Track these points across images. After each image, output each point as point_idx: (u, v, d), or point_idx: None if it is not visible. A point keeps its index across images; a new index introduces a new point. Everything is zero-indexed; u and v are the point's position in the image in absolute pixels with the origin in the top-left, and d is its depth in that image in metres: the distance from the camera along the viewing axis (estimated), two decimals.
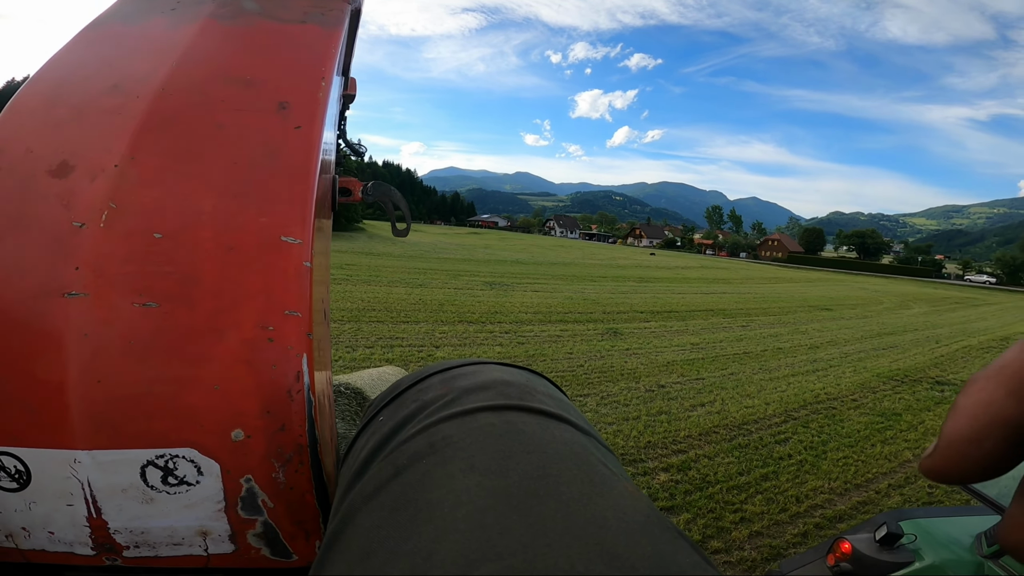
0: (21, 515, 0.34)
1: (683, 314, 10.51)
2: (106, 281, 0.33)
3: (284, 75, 0.44)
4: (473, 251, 24.19)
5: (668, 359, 6.65)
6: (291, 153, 0.39)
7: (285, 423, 0.34)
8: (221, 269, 0.35)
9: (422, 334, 6.56)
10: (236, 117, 0.40)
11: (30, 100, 0.41)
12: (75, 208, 0.35)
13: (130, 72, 0.42)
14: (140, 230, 0.35)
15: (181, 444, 0.33)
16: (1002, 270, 59.93)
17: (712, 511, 3.15)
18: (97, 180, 0.36)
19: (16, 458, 0.32)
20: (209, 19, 0.47)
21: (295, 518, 0.35)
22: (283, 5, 0.51)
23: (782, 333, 9.50)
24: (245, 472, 0.34)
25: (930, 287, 34.49)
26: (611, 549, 0.21)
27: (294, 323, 0.34)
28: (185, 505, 0.34)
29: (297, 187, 0.38)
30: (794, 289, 20.24)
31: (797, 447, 4.28)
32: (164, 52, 0.44)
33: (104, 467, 0.33)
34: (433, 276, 12.90)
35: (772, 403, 5.29)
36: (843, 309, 14.61)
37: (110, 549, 0.34)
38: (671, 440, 4.16)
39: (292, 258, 0.36)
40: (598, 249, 43.36)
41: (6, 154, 0.37)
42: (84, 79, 0.42)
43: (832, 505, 3.40)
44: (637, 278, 17.98)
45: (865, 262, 71.33)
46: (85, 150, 0.37)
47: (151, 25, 0.47)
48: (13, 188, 0.36)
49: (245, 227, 0.36)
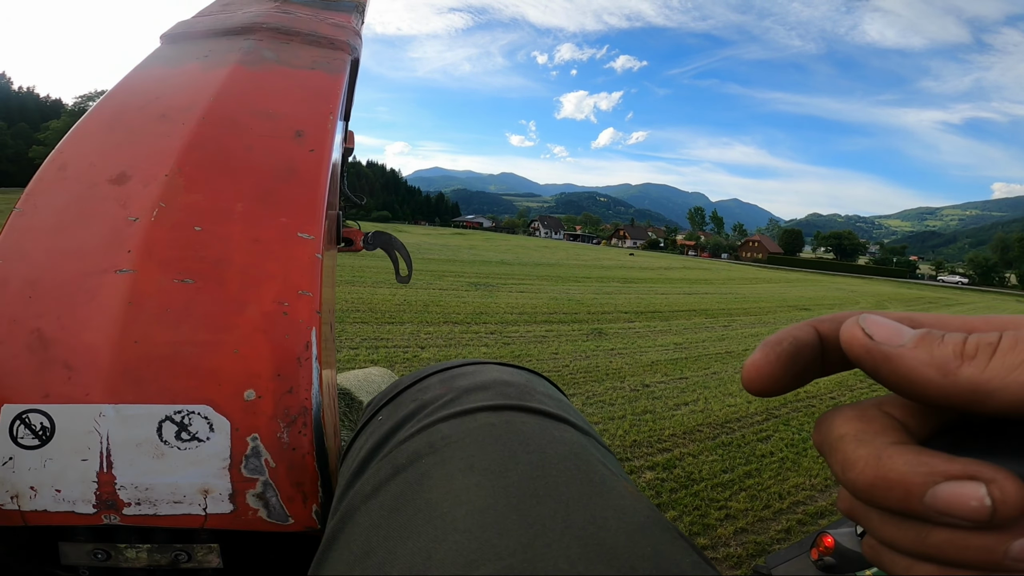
0: (34, 473, 0.36)
1: (666, 314, 10.61)
2: (152, 261, 0.40)
3: (299, 110, 0.54)
4: (458, 252, 24.14)
5: (652, 359, 6.71)
6: (306, 170, 0.48)
7: (293, 386, 0.38)
8: (247, 256, 0.42)
9: (407, 335, 6.52)
10: (261, 141, 0.50)
11: (91, 126, 0.50)
12: (130, 207, 0.43)
13: (175, 104, 0.52)
14: (183, 224, 0.42)
15: (198, 401, 0.37)
16: (974, 271, 61.66)
17: (698, 508, 3.19)
18: (150, 186, 0.44)
19: (44, 414, 0.36)
20: (237, 65, 0.58)
21: (295, 479, 0.38)
22: (296, 55, 0.62)
23: (763, 333, 9.65)
24: (253, 431, 0.37)
25: (904, 287, 35.36)
26: (611, 549, 0.21)
27: (306, 301, 0.41)
28: (192, 462, 0.37)
29: (311, 195, 0.47)
30: (774, 289, 20.58)
31: (779, 445, 4.35)
32: (202, 89, 0.53)
33: (126, 420, 0.36)
34: (417, 277, 12.84)
35: (754, 401, 5.37)
36: (821, 309, 14.90)
37: (111, 506, 0.36)
38: (656, 439, 4.20)
39: (306, 250, 0.43)
40: (583, 250, 43.59)
41: (72, 167, 0.46)
42: (137, 109, 0.52)
43: (814, 501, 3.46)
44: (621, 279, 18.11)
45: (842, 263, 72.79)
46: (140, 164, 0.46)
47: (188, 68, 0.58)
48: (79, 192, 0.44)
49: (268, 224, 0.44)
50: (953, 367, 0.15)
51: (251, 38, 0.63)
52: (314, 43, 0.65)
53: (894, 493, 0.15)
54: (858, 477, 0.16)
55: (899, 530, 0.16)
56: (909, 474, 0.15)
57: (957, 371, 0.15)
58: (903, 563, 0.16)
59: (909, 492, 0.15)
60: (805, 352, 0.19)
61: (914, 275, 64.10)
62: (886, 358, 0.16)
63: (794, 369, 0.19)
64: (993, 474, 0.14)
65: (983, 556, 0.15)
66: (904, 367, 0.16)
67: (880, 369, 0.16)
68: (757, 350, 0.19)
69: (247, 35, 0.63)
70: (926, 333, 0.16)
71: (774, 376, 0.19)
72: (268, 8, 0.70)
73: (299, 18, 0.68)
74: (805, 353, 0.19)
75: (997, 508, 0.14)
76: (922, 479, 0.15)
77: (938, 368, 0.15)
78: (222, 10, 0.71)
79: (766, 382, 0.19)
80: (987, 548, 0.14)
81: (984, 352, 0.15)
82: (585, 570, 0.19)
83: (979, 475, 0.14)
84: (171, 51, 0.61)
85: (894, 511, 0.16)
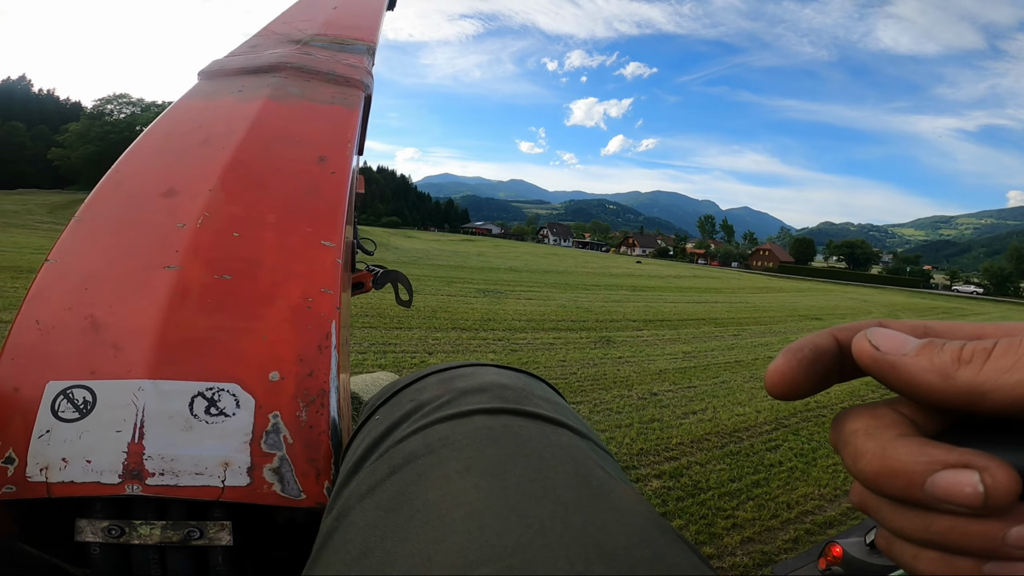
0: (68, 445, 0.39)
1: (675, 323, 10.57)
2: (197, 260, 0.46)
3: (321, 138, 0.62)
4: (467, 258, 24.20)
5: (660, 367, 6.68)
6: (328, 189, 0.56)
7: (314, 370, 0.43)
8: (278, 258, 0.48)
9: (415, 340, 6.55)
10: (290, 164, 0.57)
11: (143, 149, 0.58)
12: (178, 216, 0.49)
13: (216, 132, 0.60)
14: (224, 230, 0.49)
15: (228, 380, 0.41)
16: (989, 280, 60.73)
17: (704, 517, 3.17)
18: (196, 199, 0.51)
19: (87, 389, 0.40)
20: (268, 99, 0.66)
21: (310, 456, 0.41)
22: (317, 91, 0.71)
23: (773, 342, 9.57)
24: (275, 408, 0.41)
25: (918, 297, 34.89)
26: (610, 551, 0.21)
27: (327, 298, 0.47)
28: (217, 435, 0.40)
29: (333, 210, 0.54)
30: (785, 299, 20.41)
31: (788, 454, 4.31)
32: (239, 119, 0.62)
33: (162, 395, 0.40)
34: (426, 283, 12.89)
35: (763, 411, 5.33)
36: (833, 319, 14.75)
37: (136, 476, 0.39)
38: (663, 447, 4.18)
39: (329, 255, 0.50)
40: (591, 258, 43.50)
41: (127, 183, 0.54)
42: (183, 136, 0.60)
43: (822, 511, 3.43)
44: (630, 287, 18.06)
45: (854, 272, 72.02)
46: (187, 181, 0.53)
47: (225, 102, 0.66)
48: (133, 203, 0.51)
49: (296, 232, 0.51)
50: (951, 371, 0.16)
51: (278, 75, 0.72)
52: (332, 81, 0.74)
53: (898, 481, 0.16)
54: (866, 467, 0.17)
55: (906, 519, 0.17)
56: (911, 463, 0.16)
57: (955, 375, 0.16)
58: (911, 551, 0.17)
59: (911, 480, 0.16)
60: (825, 359, 0.20)
61: (928, 285, 63.30)
62: (892, 367, 0.18)
63: (814, 374, 0.20)
64: (986, 463, 0.15)
65: (983, 543, 0.16)
66: (908, 374, 0.17)
67: (888, 377, 0.18)
68: (779, 356, 0.20)
69: (274, 73, 0.72)
70: (928, 342, 0.18)
71: (796, 381, 0.20)
72: (291, 50, 0.80)
73: (319, 59, 0.78)
74: (825, 360, 0.20)
75: (989, 494, 0.15)
76: (922, 467, 0.16)
77: (938, 373, 0.17)
78: (251, 50, 0.80)
79: (788, 387, 0.20)
80: (986, 535, 0.15)
81: (979, 357, 0.16)
82: (584, 571, 0.19)
83: (973, 463, 0.15)
84: (208, 86, 0.70)
85: (900, 499, 0.17)
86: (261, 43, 0.84)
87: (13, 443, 0.39)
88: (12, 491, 0.39)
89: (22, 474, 0.39)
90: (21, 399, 0.41)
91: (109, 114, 48.40)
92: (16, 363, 0.42)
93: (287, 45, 0.82)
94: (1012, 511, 0.16)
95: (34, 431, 0.40)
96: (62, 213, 26.94)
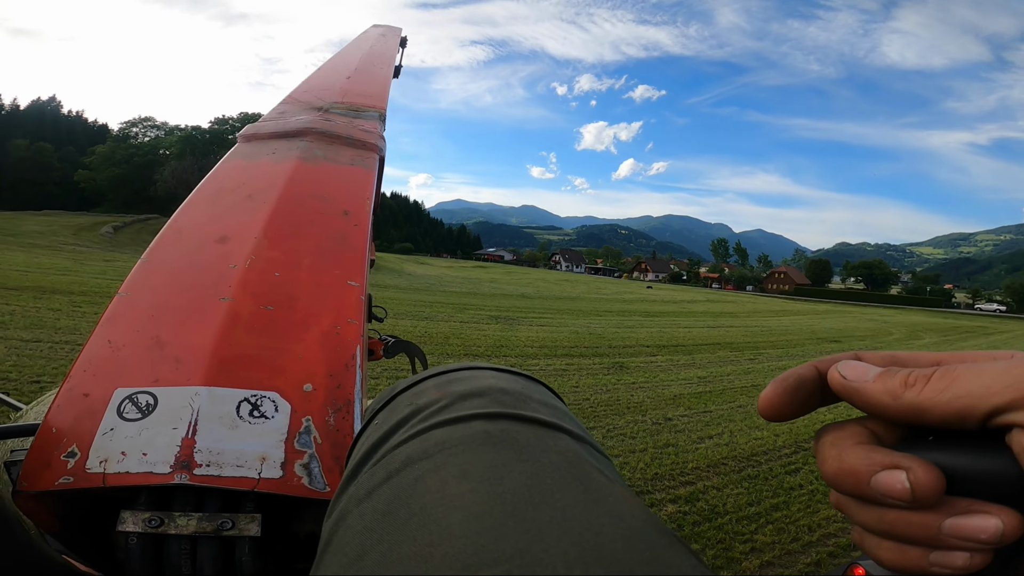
0: (129, 440, 0.45)
1: (689, 348, 10.47)
2: (246, 294, 0.57)
3: (345, 195, 0.75)
4: (479, 285, 24.32)
5: (675, 392, 6.61)
6: (352, 238, 0.68)
7: (341, 383, 0.52)
8: (312, 294, 0.59)
9: (428, 366, 6.56)
10: (320, 217, 0.70)
11: (198, 202, 0.70)
12: (230, 258, 0.60)
13: (258, 189, 0.72)
14: (267, 271, 0.60)
15: (270, 389, 0.49)
16: (1012, 298, 59.26)
17: (722, 541, 3.11)
18: (244, 244, 0.62)
19: (150, 395, 0.48)
20: (299, 160, 0.78)
21: (336, 454, 0.48)
22: (339, 154, 0.85)
23: (791, 366, 9.29)
24: (307, 414, 0.49)
25: (940, 317, 34.14)
26: (609, 554, 0.21)
27: (353, 327, 0.57)
28: (258, 434, 0.47)
29: (357, 256, 0.65)
30: (802, 321, 20.13)
31: (808, 477, 4.22)
32: (275, 178, 0.74)
33: (215, 399, 0.48)
34: (439, 309, 12.97)
35: (782, 434, 5.24)
36: (852, 341, 14.50)
37: (185, 466, 0.44)
38: (679, 472, 4.12)
39: (354, 292, 0.61)
40: (604, 283, 43.42)
41: (186, 231, 0.65)
42: (230, 191, 0.72)
43: (845, 533, 3.34)
44: (643, 312, 17.97)
45: (873, 293, 70.80)
46: (237, 229, 0.65)
47: (262, 163, 0.79)
48: (192, 248, 0.63)
49: (327, 273, 0.62)
50: (899, 393, 0.21)
51: (305, 139, 0.85)
52: (351, 145, 0.88)
53: (850, 480, 0.21)
54: (827, 469, 0.22)
55: (866, 513, 0.21)
56: (858, 465, 0.20)
57: (902, 396, 0.21)
58: (873, 541, 0.21)
59: (859, 479, 0.20)
60: (807, 386, 0.24)
61: (949, 304, 61.89)
62: (856, 391, 0.22)
63: (798, 400, 0.24)
64: (911, 463, 0.19)
65: (923, 532, 0.19)
66: (867, 396, 0.22)
67: (854, 400, 0.23)
68: (769, 385, 0.24)
69: (301, 137, 0.86)
70: (885, 370, 0.22)
71: (782, 405, 0.24)
72: (315, 117, 0.94)
73: (338, 124, 0.92)
74: (807, 387, 0.24)
75: (915, 489, 0.19)
76: (867, 468, 0.20)
77: (889, 395, 0.21)
78: (279, 116, 0.95)
79: (776, 411, 0.24)
80: (925, 525, 0.19)
81: (920, 382, 0.21)
82: (583, 575, 0.19)
83: (900, 464, 0.19)
84: (247, 148, 0.84)
85: (857, 496, 0.21)
86: (288, 109, 0.98)
87: (77, 439, 0.45)
88: (69, 482, 0.43)
89: (81, 467, 0.44)
90: (90, 403, 0.47)
91: (134, 137, 49.13)
92: (87, 373, 0.49)
93: (310, 112, 0.96)
94: (948, 505, 0.19)
95: (99, 430, 0.45)
96: (86, 235, 27.66)
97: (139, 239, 31.31)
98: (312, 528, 0.50)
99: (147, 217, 38.78)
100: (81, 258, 16.05)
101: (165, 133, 49.24)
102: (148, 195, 41.67)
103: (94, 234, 29.08)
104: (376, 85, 1.21)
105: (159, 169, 39.74)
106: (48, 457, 0.44)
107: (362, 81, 1.21)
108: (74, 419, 0.46)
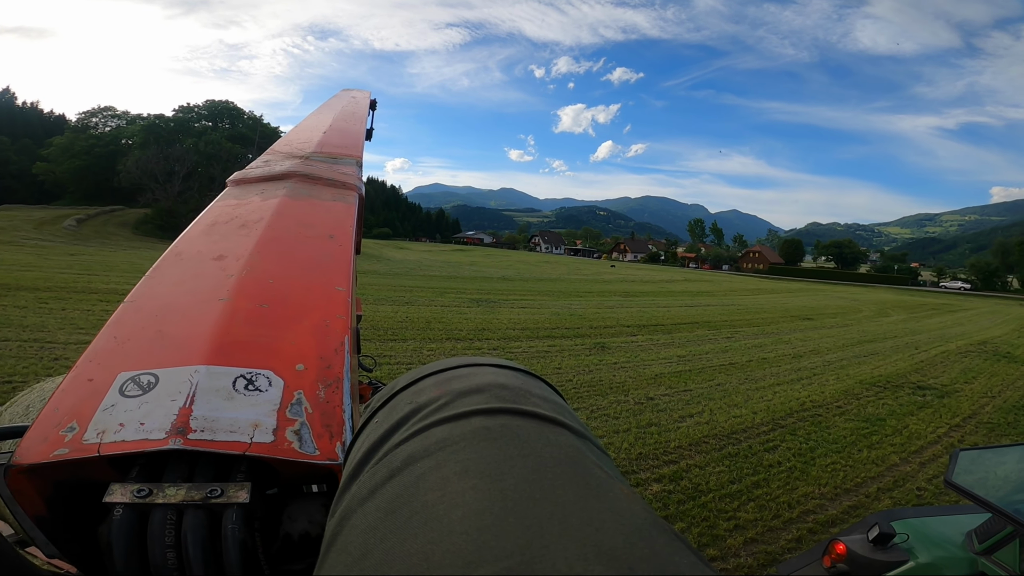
0: (128, 413, 0.47)
1: (669, 327, 10.60)
2: (243, 296, 0.62)
3: (329, 223, 0.83)
4: (459, 268, 24.19)
5: (656, 372, 6.69)
6: (338, 256, 0.75)
7: (331, 365, 0.56)
8: (303, 296, 0.65)
9: (410, 351, 6.52)
10: (308, 240, 0.77)
11: (195, 232, 0.76)
12: (227, 271, 0.67)
13: (250, 219, 0.80)
14: (262, 278, 0.66)
15: (264, 368, 0.53)
16: (976, 276, 61.36)
17: (706, 519, 3.16)
18: (240, 260, 0.69)
19: (152, 375, 0.51)
20: (285, 197, 0.87)
21: (325, 422, 0.50)
22: (322, 192, 0.93)
23: (766, 343, 9.62)
24: (299, 388, 0.52)
25: (907, 294, 35.28)
26: (609, 550, 0.21)
27: (341, 321, 0.62)
28: (252, 404, 0.50)
29: (343, 267, 0.73)
30: (776, 300, 20.56)
31: (786, 454, 4.32)
32: (265, 211, 0.82)
33: (212, 375, 0.51)
34: (419, 294, 12.86)
35: (759, 412, 5.34)
36: (824, 318, 14.87)
37: (180, 431, 0.46)
38: (662, 451, 4.17)
39: (341, 295, 0.67)
40: (584, 265, 43.64)
41: (185, 253, 0.72)
42: (224, 223, 0.79)
43: (824, 510, 3.43)
44: (623, 292, 18.11)
45: (843, 271, 72.72)
46: (233, 249, 0.71)
47: (252, 200, 0.87)
48: (192, 265, 0.69)
49: (316, 280, 0.69)
50: None
51: (290, 181, 0.94)
52: (332, 185, 0.96)
53: None
54: None
55: None
56: None
57: None
58: None
59: None
60: None
61: (916, 282, 63.90)
62: None
63: None
64: None
65: None
66: None
67: None
68: None
69: (287, 179, 0.95)
70: None
71: None
72: (298, 162, 1.03)
73: (320, 168, 1.01)
74: None
75: None
76: None
77: None
78: (264, 164, 1.03)
79: None
80: None
81: None
82: (583, 571, 0.19)
83: None
84: (237, 191, 0.92)
85: None
86: (272, 159, 1.08)
87: (78, 416, 0.47)
88: (64, 453, 0.44)
89: (78, 439, 0.45)
90: (94, 386, 0.49)
91: (94, 127, 47.56)
92: (92, 363, 0.52)
93: (293, 159, 1.06)
94: None
95: (100, 407, 0.47)
96: (48, 229, 26.65)
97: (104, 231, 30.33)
98: (305, 528, 0.50)
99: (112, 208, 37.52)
100: (44, 253, 15.44)
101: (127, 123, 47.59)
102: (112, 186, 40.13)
103: (56, 227, 28.01)
104: (351, 137, 1.33)
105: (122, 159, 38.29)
106: (47, 433, 0.46)
107: (337, 135, 1.33)
108: (77, 400, 0.48)
